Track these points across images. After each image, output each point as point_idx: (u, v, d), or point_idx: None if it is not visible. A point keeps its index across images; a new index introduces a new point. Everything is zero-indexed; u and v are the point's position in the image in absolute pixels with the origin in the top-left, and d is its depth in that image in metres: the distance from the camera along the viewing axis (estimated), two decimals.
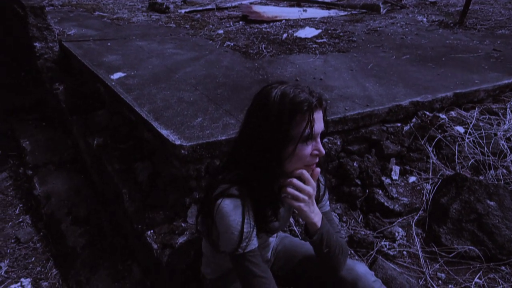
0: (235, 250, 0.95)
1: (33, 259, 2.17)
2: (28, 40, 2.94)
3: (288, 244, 1.41)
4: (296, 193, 0.95)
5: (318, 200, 1.17)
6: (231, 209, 0.94)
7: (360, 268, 1.19)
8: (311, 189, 0.97)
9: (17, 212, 2.55)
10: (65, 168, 2.81)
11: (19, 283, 1.98)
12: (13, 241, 2.29)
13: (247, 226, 0.94)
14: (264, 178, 0.97)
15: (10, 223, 2.45)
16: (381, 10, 4.84)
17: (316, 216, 1.01)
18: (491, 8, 5.22)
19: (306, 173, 0.97)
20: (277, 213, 1.05)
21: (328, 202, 1.21)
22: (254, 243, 0.97)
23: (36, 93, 3.42)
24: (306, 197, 0.96)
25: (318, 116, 0.95)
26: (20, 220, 2.48)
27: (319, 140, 0.96)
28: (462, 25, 4.01)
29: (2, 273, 2.04)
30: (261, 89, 0.99)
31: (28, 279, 2.03)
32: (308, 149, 0.95)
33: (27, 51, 3.06)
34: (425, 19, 4.43)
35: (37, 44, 2.92)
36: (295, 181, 0.96)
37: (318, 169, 1.01)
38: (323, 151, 0.97)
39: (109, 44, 3.04)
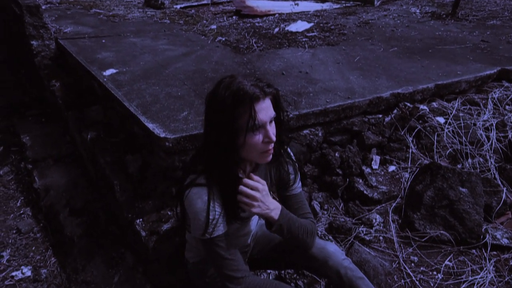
0: (202, 235, 1.03)
1: (33, 248, 2.29)
2: (25, 38, 3.03)
3: (266, 230, 1.50)
4: (245, 200, 1.04)
5: (289, 185, 1.25)
6: (197, 197, 1.02)
7: (331, 247, 1.28)
8: (257, 193, 1.04)
9: (18, 204, 2.66)
10: (63, 162, 2.91)
11: (19, 271, 2.10)
12: (14, 232, 2.41)
13: (212, 213, 1.02)
14: (224, 167, 1.04)
15: (12, 215, 2.56)
16: (375, 2, 4.86)
17: (272, 211, 1.08)
18: None
19: (247, 181, 1.04)
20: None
21: (299, 185, 1.29)
22: (220, 229, 1.05)
23: (35, 90, 3.53)
24: (254, 202, 1.04)
25: (263, 105, 0.98)
26: (21, 212, 2.59)
27: (268, 127, 1.00)
28: (454, 16, 4.03)
29: (4, 262, 2.15)
30: (215, 84, 1.04)
31: (29, 267, 2.14)
32: (258, 137, 1.00)
33: (26, 49, 3.15)
34: (418, 11, 4.45)
35: (34, 42, 3.01)
36: (242, 188, 1.04)
37: (255, 177, 1.07)
38: (273, 138, 1.01)
39: (103, 41, 3.12)
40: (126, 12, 4.39)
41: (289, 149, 1.28)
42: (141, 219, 1.74)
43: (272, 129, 1.02)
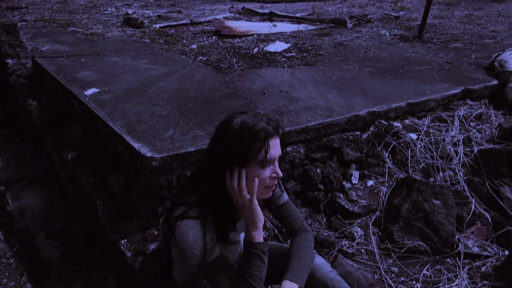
0: (200, 263, 1.06)
1: (6, 274, 2.18)
2: (0, 56, 2.97)
3: None
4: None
5: (276, 197, 1.33)
6: (189, 228, 1.04)
7: (318, 260, 1.34)
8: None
9: None
10: (39, 183, 2.82)
11: None
12: None
13: (208, 240, 1.05)
14: (225, 198, 1.08)
15: None
16: (348, 25, 5.12)
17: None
18: (449, 22, 5.62)
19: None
20: (235, 224, 1.18)
21: (285, 193, 1.37)
22: (216, 252, 1.08)
23: (8, 108, 3.42)
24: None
25: (275, 142, 1.06)
26: None
27: (276, 163, 1.08)
28: (421, 38, 4.32)
29: None
30: (224, 119, 1.10)
31: None
32: (267, 172, 1.06)
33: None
34: (387, 33, 4.74)
35: (9, 60, 2.95)
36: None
37: None
38: (281, 173, 1.08)
39: (83, 60, 3.10)
40: (105, 31, 4.38)
41: None
42: (125, 240, 1.72)
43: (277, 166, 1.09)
